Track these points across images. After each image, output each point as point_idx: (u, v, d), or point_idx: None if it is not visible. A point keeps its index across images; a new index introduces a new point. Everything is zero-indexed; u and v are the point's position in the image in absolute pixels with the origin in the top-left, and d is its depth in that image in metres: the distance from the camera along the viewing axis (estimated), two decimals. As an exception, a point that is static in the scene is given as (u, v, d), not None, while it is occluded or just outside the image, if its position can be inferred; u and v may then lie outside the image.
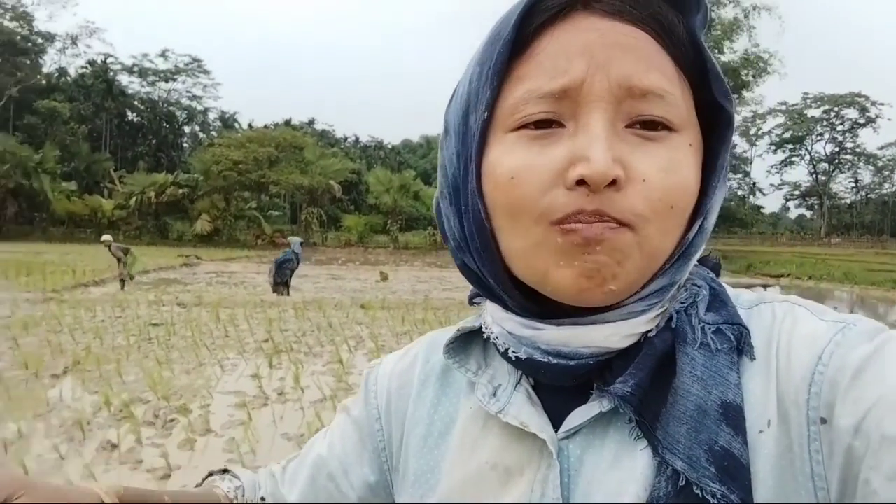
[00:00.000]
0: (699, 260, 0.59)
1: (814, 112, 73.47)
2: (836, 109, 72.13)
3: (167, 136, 70.18)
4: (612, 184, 0.48)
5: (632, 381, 0.51)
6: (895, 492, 0.41)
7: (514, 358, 0.57)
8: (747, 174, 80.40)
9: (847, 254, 43.19)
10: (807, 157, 77.35)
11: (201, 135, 74.85)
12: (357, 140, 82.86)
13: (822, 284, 25.73)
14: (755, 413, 0.49)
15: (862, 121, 71.99)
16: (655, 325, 0.55)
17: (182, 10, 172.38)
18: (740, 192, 79.32)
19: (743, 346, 0.52)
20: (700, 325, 0.53)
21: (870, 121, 71.27)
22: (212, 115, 76.49)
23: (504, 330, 0.59)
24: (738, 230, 71.48)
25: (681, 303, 0.55)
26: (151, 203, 46.01)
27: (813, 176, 77.75)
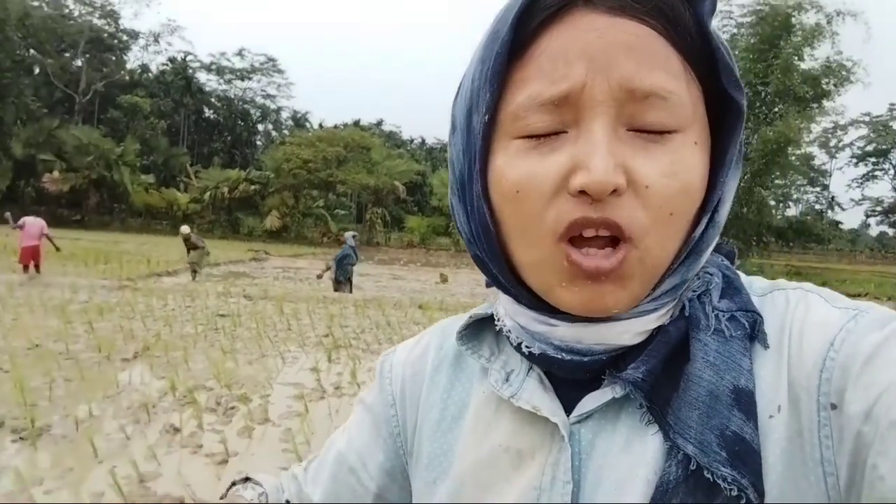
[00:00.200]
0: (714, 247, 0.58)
1: (900, 124, 69.71)
2: (925, 122, 68.13)
3: (241, 134, 71.71)
4: (614, 191, 0.47)
5: (643, 368, 0.52)
6: None
7: (528, 353, 0.58)
8: (826, 187, 76.64)
9: (931, 275, 40.76)
10: (891, 172, 73.06)
11: (274, 133, 76.23)
12: (423, 142, 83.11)
13: (903, 306, 24.35)
14: (766, 398, 0.49)
15: (952, 135, 67.82)
16: (669, 318, 0.55)
17: (259, 11, 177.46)
18: (818, 207, 75.83)
19: (756, 333, 0.52)
20: (714, 313, 0.53)
21: (960, 135, 67.08)
22: (284, 114, 77.91)
23: (517, 324, 0.59)
24: (814, 246, 67.99)
25: (693, 290, 0.55)
26: (224, 198, 47.39)
27: (897, 192, 73.80)
